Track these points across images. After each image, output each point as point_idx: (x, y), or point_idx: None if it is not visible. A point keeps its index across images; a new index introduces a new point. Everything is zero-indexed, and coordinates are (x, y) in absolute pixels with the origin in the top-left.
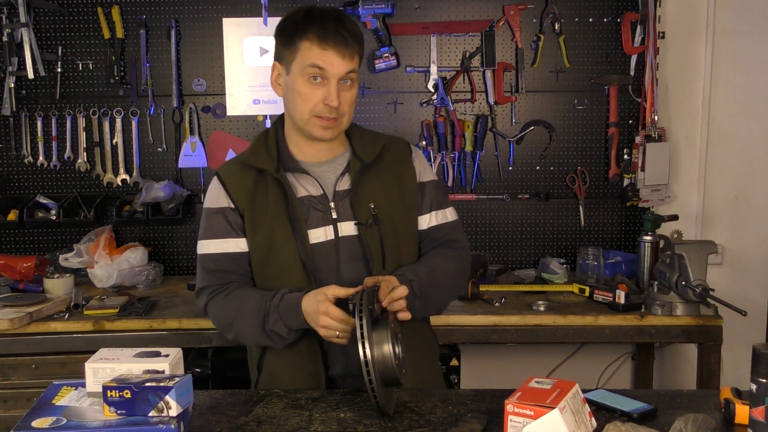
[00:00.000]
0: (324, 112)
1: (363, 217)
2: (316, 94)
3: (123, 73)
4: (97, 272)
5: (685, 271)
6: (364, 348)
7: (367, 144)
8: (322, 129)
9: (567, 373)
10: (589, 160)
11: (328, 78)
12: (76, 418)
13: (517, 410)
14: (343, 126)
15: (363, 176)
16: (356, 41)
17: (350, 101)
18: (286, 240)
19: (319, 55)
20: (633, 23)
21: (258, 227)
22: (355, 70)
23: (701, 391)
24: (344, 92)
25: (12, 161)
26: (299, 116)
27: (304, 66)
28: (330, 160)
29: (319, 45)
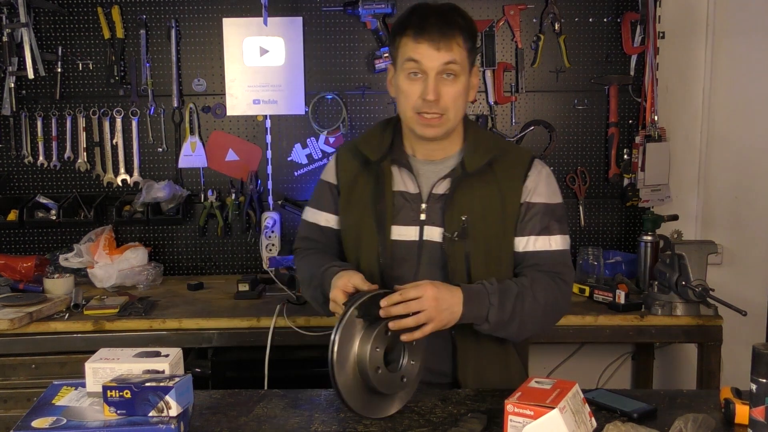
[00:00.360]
0: (424, 108)
1: (452, 226)
2: (415, 89)
3: (123, 73)
4: (97, 272)
5: (685, 271)
6: (333, 337)
7: (478, 151)
8: (424, 127)
9: (567, 373)
10: (589, 160)
11: (426, 71)
12: (76, 418)
13: (517, 410)
14: (450, 123)
15: (463, 184)
16: (456, 30)
17: (454, 96)
18: (369, 230)
19: (414, 48)
20: (633, 23)
21: (350, 210)
22: (455, 61)
23: (701, 391)
24: (445, 87)
25: (12, 161)
26: (404, 115)
27: (403, 61)
28: (440, 161)
29: (414, 39)
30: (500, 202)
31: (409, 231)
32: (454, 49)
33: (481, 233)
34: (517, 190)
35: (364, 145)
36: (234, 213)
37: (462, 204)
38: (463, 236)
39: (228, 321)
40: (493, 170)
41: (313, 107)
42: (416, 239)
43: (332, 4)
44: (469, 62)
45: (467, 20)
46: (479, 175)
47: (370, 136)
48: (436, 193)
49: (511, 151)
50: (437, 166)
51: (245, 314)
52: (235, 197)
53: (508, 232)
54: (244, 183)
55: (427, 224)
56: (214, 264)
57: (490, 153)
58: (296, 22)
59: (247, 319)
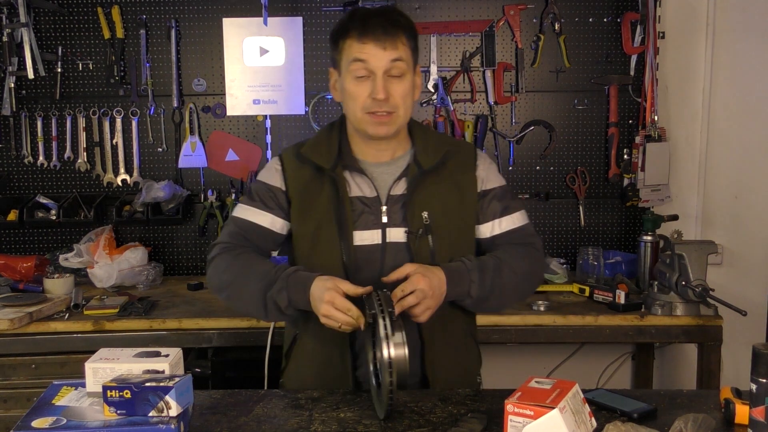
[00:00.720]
0: (374, 107)
1: (414, 225)
2: (363, 90)
3: (123, 73)
4: (97, 272)
5: (685, 271)
6: (389, 349)
7: (429, 149)
8: (376, 125)
9: (567, 373)
10: (589, 160)
11: (373, 71)
12: (76, 418)
13: (517, 410)
14: (400, 121)
15: (420, 183)
16: (399, 29)
17: (402, 94)
18: (331, 238)
19: (360, 48)
20: (633, 23)
21: (306, 218)
22: (401, 58)
23: (701, 391)
24: (393, 85)
25: (12, 161)
26: (353, 116)
27: (349, 63)
28: (390, 162)
29: (358, 39)
30: (458, 196)
31: (372, 235)
32: (399, 47)
33: (443, 228)
34: (471, 181)
35: (313, 153)
36: None
37: (422, 202)
38: (426, 233)
39: (228, 321)
40: (446, 166)
41: (313, 107)
42: (379, 242)
43: (332, 4)
44: (413, 61)
45: (408, 20)
46: (434, 171)
47: (316, 144)
48: (395, 194)
49: (458, 145)
50: (390, 167)
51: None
52: (235, 197)
53: (469, 223)
54: (244, 183)
55: (390, 226)
56: None
57: (442, 149)
58: (296, 22)
59: (247, 319)
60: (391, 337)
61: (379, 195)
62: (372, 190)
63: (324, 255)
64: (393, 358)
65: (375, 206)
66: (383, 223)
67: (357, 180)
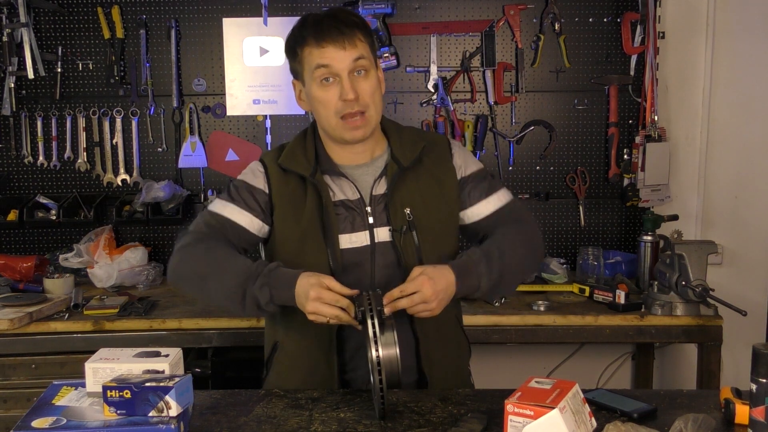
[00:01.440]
0: (346, 109)
1: (398, 223)
2: (332, 94)
3: (123, 73)
4: (97, 272)
5: (685, 271)
6: (377, 350)
7: (406, 146)
8: (351, 130)
9: (567, 373)
10: (589, 160)
11: (338, 74)
12: (76, 418)
13: (517, 410)
14: (373, 119)
15: (400, 180)
16: (354, 28)
17: (370, 91)
18: (317, 244)
19: (320, 54)
20: (633, 23)
21: (292, 225)
22: (363, 56)
23: (701, 391)
24: (360, 83)
25: (12, 161)
26: (327, 124)
27: (312, 70)
28: (368, 163)
29: (317, 45)
30: (438, 188)
31: (359, 237)
32: (358, 45)
33: (426, 223)
34: (450, 171)
35: (291, 162)
36: None
37: (403, 198)
38: (410, 229)
39: (228, 321)
40: (423, 162)
41: None
42: (368, 243)
43: (332, 4)
44: (373, 56)
45: (360, 17)
46: (413, 168)
47: (292, 152)
48: (378, 194)
49: (433, 139)
50: (369, 168)
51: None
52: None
53: (453, 213)
54: None
55: (376, 226)
56: None
57: (418, 144)
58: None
59: (247, 319)
60: (380, 337)
61: (362, 196)
62: (355, 192)
63: (310, 260)
64: (381, 358)
65: (360, 208)
66: (370, 224)
67: (339, 184)
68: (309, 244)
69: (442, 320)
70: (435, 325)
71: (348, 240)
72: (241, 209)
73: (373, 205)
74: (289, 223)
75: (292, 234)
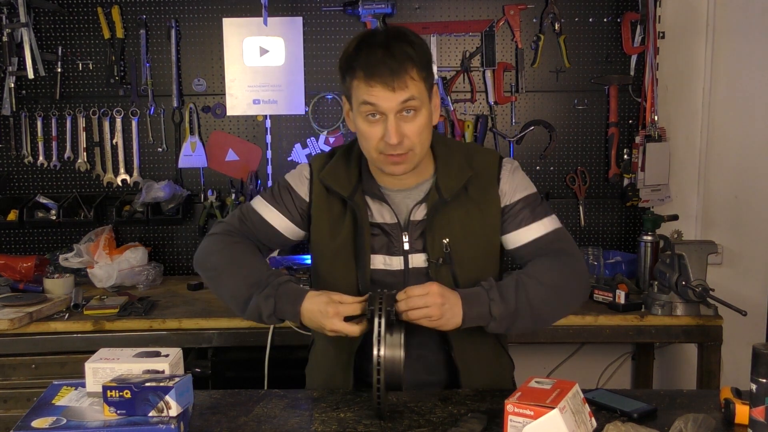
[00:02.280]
0: (388, 150)
1: (435, 252)
2: (376, 131)
3: (123, 73)
4: (97, 272)
5: (685, 271)
6: (381, 349)
7: (452, 174)
8: (392, 165)
9: (567, 373)
10: (589, 160)
11: (384, 113)
12: (76, 418)
13: (517, 410)
14: (417, 158)
15: (440, 209)
16: (408, 64)
17: (417, 131)
18: (347, 264)
19: (367, 92)
20: (633, 23)
21: (325, 240)
22: (413, 97)
23: (701, 391)
24: (407, 124)
25: (12, 161)
26: (367, 154)
27: (359, 104)
28: (412, 188)
29: (365, 81)
30: (480, 219)
31: (393, 261)
32: (409, 85)
33: (465, 254)
34: (494, 200)
35: (332, 181)
36: None
37: (441, 228)
38: (447, 261)
39: (228, 321)
40: (468, 192)
41: (313, 107)
42: (402, 268)
43: (332, 4)
44: (427, 90)
45: (417, 46)
46: (455, 198)
47: (335, 170)
48: (415, 220)
49: (480, 162)
50: (412, 193)
51: None
52: (235, 197)
53: (493, 242)
54: (244, 183)
55: (411, 252)
56: None
57: (464, 175)
58: (296, 22)
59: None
60: (384, 337)
61: (400, 221)
62: (392, 216)
63: (339, 278)
64: (384, 358)
65: (395, 232)
66: (405, 250)
67: (378, 206)
68: (340, 263)
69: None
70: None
71: (382, 261)
72: (279, 212)
73: (410, 231)
74: (325, 240)
75: (326, 250)
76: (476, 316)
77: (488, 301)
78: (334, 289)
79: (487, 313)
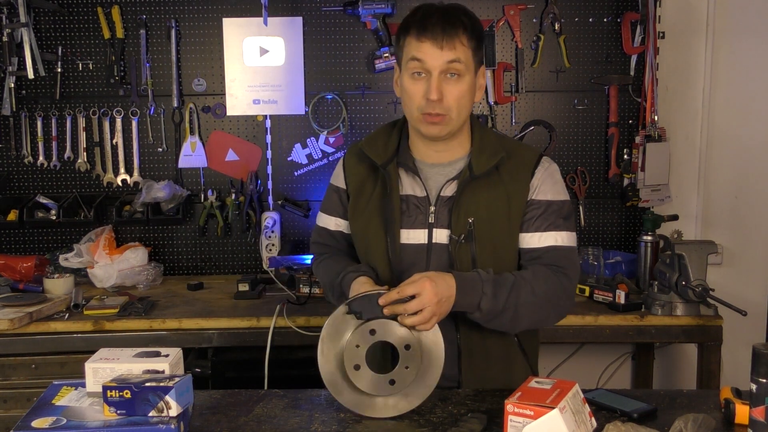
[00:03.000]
0: (428, 108)
1: (458, 229)
2: (419, 89)
3: (123, 73)
4: (97, 272)
5: (685, 271)
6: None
7: (485, 153)
8: (428, 125)
9: (567, 373)
10: (589, 160)
11: (430, 71)
12: (76, 418)
13: (517, 410)
14: (453, 123)
15: (469, 187)
16: (460, 29)
17: (457, 96)
18: (377, 234)
19: (417, 47)
20: (633, 23)
21: (358, 215)
22: (459, 60)
23: (701, 391)
24: (449, 86)
25: (12, 161)
26: (409, 115)
27: (407, 61)
28: (447, 164)
29: (416, 38)
30: (506, 203)
31: (417, 234)
32: (457, 48)
33: (487, 235)
34: (523, 189)
35: (369, 148)
36: (234, 213)
37: (468, 206)
38: (469, 239)
39: (228, 321)
40: (499, 172)
41: (313, 107)
42: (425, 242)
43: (332, 4)
44: (474, 62)
45: (472, 19)
46: (486, 177)
47: (374, 139)
48: (444, 196)
49: (518, 151)
50: (445, 169)
51: (245, 314)
52: (235, 197)
53: (514, 231)
54: (244, 183)
55: (436, 227)
56: (214, 264)
57: (497, 155)
58: (296, 22)
59: (247, 319)
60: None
61: (429, 195)
62: (422, 190)
63: (373, 252)
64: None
65: (424, 206)
66: (430, 224)
67: (410, 178)
68: (371, 234)
69: (489, 336)
70: (481, 339)
71: (406, 235)
72: (329, 215)
73: (438, 206)
74: (356, 213)
75: (358, 224)
76: (465, 304)
77: (481, 294)
78: (367, 259)
79: (475, 305)
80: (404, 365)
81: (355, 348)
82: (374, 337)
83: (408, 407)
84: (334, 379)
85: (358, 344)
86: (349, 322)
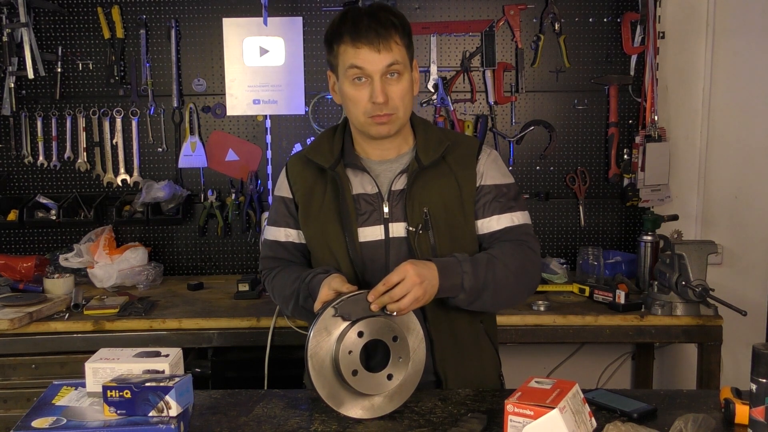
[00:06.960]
0: (375, 111)
1: (414, 220)
2: (363, 94)
3: (123, 73)
4: (97, 272)
5: (685, 271)
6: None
7: (430, 145)
8: (377, 126)
9: (567, 373)
10: (589, 160)
11: (371, 75)
12: (76, 418)
13: (517, 410)
14: (401, 120)
15: (420, 178)
16: (393, 30)
17: (401, 94)
18: (336, 235)
19: (354, 54)
20: (633, 23)
21: (311, 221)
22: (397, 61)
23: (701, 391)
24: (391, 86)
25: (12, 161)
26: (355, 120)
27: (346, 69)
28: (393, 159)
29: (352, 45)
30: (458, 190)
31: (374, 231)
32: (393, 49)
33: (443, 223)
34: (471, 176)
35: (315, 154)
36: (234, 213)
37: (421, 196)
38: (426, 228)
39: (228, 321)
40: (447, 161)
41: (313, 107)
42: (382, 238)
43: (332, 4)
44: (409, 58)
45: (399, 17)
46: (434, 167)
47: (318, 145)
48: (396, 190)
49: (460, 140)
50: (393, 164)
51: (245, 314)
52: (235, 197)
53: (468, 218)
54: (244, 183)
55: (391, 221)
56: (214, 264)
57: (443, 144)
58: (296, 22)
59: (247, 319)
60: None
61: (380, 191)
62: (373, 187)
63: (333, 252)
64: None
65: (377, 202)
66: (385, 219)
67: (359, 177)
68: (330, 236)
69: (457, 324)
70: (449, 328)
71: (363, 234)
72: (278, 227)
73: (391, 201)
74: (309, 219)
75: (313, 229)
76: (449, 287)
77: (461, 273)
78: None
79: (459, 285)
80: (397, 356)
81: (348, 355)
82: (363, 338)
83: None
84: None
85: (351, 350)
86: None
